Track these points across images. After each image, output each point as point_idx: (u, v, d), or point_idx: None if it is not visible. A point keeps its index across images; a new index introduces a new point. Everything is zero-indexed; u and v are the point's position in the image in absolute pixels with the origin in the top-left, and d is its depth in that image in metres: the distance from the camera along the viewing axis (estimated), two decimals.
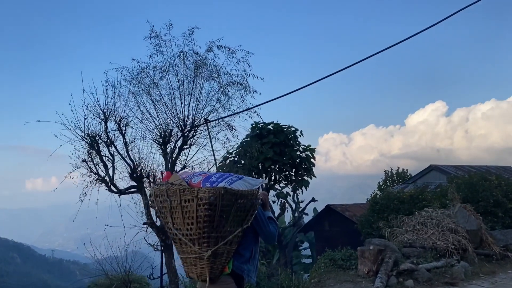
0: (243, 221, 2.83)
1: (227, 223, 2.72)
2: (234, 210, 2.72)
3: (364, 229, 12.25)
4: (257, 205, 2.92)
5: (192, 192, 2.65)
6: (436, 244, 9.19)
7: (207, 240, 2.68)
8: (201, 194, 2.60)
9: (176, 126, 8.49)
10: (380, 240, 8.70)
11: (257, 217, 2.95)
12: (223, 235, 2.73)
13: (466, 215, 10.23)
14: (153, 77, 8.29)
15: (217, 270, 2.78)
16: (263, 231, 3.01)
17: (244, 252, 2.95)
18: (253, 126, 18.20)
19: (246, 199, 2.77)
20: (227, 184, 2.74)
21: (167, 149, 8.53)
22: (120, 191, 7.71)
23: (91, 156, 7.61)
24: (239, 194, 2.72)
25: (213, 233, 2.68)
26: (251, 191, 2.83)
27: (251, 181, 2.96)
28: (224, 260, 2.80)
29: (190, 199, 2.64)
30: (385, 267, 7.53)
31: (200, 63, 8.37)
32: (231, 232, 2.77)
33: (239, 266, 2.90)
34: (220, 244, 2.72)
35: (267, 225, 3.01)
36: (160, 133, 8.48)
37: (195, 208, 2.62)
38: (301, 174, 18.50)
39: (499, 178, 13.74)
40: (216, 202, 2.60)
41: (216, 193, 2.59)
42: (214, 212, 2.62)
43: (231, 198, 2.67)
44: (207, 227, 2.64)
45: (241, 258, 2.92)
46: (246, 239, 2.95)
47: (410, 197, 12.09)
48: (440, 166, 20.11)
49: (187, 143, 8.61)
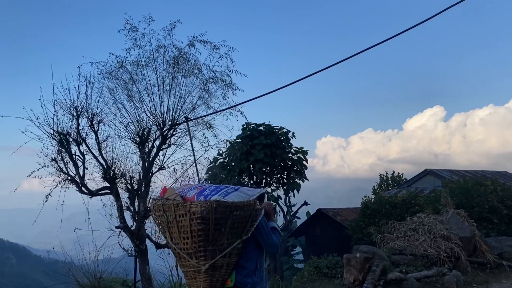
0: (242, 232, 2.80)
1: (224, 236, 2.70)
2: (230, 222, 2.69)
3: (355, 235, 11.83)
4: (258, 216, 2.86)
5: (185, 206, 2.66)
6: (428, 251, 8.76)
7: (203, 253, 2.68)
8: (193, 208, 2.61)
9: (155, 124, 8.05)
10: (368, 247, 8.26)
11: (259, 227, 2.90)
12: (221, 247, 2.71)
13: (460, 222, 9.80)
14: (131, 72, 7.86)
15: (218, 283, 2.76)
16: (265, 242, 2.95)
17: (247, 264, 2.89)
18: (244, 127, 17.77)
19: (242, 210, 2.74)
20: (221, 197, 2.72)
21: (145, 148, 8.08)
22: (92, 192, 7.25)
23: (61, 154, 7.15)
24: (233, 206, 2.69)
25: (210, 246, 2.67)
26: (247, 202, 2.79)
27: (248, 192, 2.94)
28: (224, 272, 2.77)
29: (184, 214, 2.66)
30: (372, 276, 7.08)
31: (180, 58, 7.94)
32: (230, 244, 2.75)
33: (242, 280, 2.84)
34: (218, 257, 2.70)
35: (269, 235, 2.96)
36: (137, 132, 8.03)
37: (188, 222, 2.64)
38: (293, 176, 18.05)
39: (494, 183, 13.33)
40: (209, 215, 2.58)
41: (208, 207, 2.58)
42: (208, 225, 2.61)
43: (225, 210, 2.65)
44: (202, 241, 2.65)
45: (244, 270, 2.87)
46: (249, 250, 2.90)
47: (402, 202, 11.68)
48: (435, 171, 19.73)
49: (166, 142, 8.17)
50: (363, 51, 6.06)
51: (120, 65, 7.92)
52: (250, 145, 16.93)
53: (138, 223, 7.41)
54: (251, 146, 16.92)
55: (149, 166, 7.99)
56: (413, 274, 7.53)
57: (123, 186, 7.98)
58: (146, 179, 7.75)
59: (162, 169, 7.88)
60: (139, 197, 7.61)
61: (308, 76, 5.21)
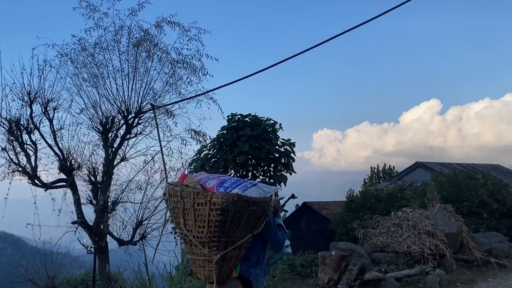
0: (253, 227, 2.86)
1: (237, 229, 2.76)
2: (246, 217, 2.75)
3: (338, 229, 11.33)
4: (269, 212, 2.91)
5: (206, 196, 2.68)
6: (411, 248, 8.27)
7: (217, 244, 2.72)
8: (215, 199, 2.63)
9: (118, 112, 7.46)
10: (347, 243, 7.76)
11: (268, 223, 2.95)
12: (233, 240, 2.77)
13: (446, 217, 9.33)
14: (93, 55, 7.25)
15: (225, 273, 2.82)
16: (271, 238, 3.02)
17: (251, 256, 2.95)
18: (230, 118, 17.19)
19: (258, 206, 2.79)
20: (240, 191, 2.75)
21: (108, 138, 7.50)
22: (45, 185, 6.68)
23: (12, 144, 6.57)
24: (252, 201, 2.74)
25: (223, 238, 2.72)
26: (264, 199, 2.84)
27: (264, 188, 2.96)
28: (232, 264, 2.84)
29: (203, 203, 2.68)
30: (348, 276, 6.58)
31: (146, 40, 7.33)
32: (241, 237, 2.81)
33: (246, 269, 2.91)
34: (230, 248, 2.76)
35: (276, 232, 3.03)
36: (100, 120, 7.44)
37: (207, 212, 2.66)
38: (280, 169, 17.50)
39: (485, 176, 12.87)
40: (229, 208, 2.62)
41: (229, 200, 2.62)
42: (226, 217, 2.65)
43: (244, 205, 2.69)
44: (217, 232, 2.69)
45: (248, 262, 2.93)
46: (255, 244, 2.96)
47: (388, 196, 11.19)
48: (426, 163, 19.28)
49: (131, 131, 7.59)
50: (350, 30, 5.41)
51: (81, 47, 7.31)
52: (235, 137, 16.36)
53: (97, 218, 6.86)
54: (236, 138, 16.36)
55: (113, 157, 7.42)
56: (393, 274, 7.05)
57: (86, 178, 7.42)
58: (108, 171, 7.18)
59: (125, 160, 7.32)
60: (100, 190, 7.05)
61: (296, 55, 4.62)
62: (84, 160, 7.12)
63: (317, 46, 4.60)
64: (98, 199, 7.27)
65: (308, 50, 4.41)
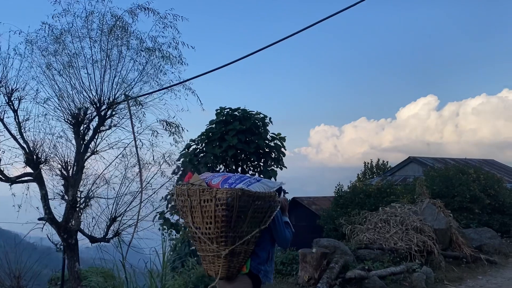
0: (260, 222, 2.89)
1: (244, 224, 2.80)
2: (251, 211, 2.79)
3: (326, 225, 11.02)
4: (275, 207, 2.95)
5: (210, 192, 2.75)
6: (398, 245, 7.97)
7: (224, 239, 2.76)
8: (219, 194, 2.70)
9: (90, 103, 7.09)
10: (330, 240, 7.44)
11: (275, 220, 2.98)
12: (241, 235, 2.81)
13: (435, 212, 9.03)
14: (61, 42, 6.86)
15: (235, 269, 2.86)
16: (278, 235, 3.04)
17: (261, 253, 2.98)
18: (218, 112, 16.85)
19: (263, 200, 2.83)
20: (244, 186, 2.83)
21: (80, 130, 7.13)
22: (10, 179, 6.32)
23: None
24: (256, 195, 2.78)
25: (231, 233, 2.76)
26: (268, 193, 2.88)
27: (269, 184, 3.05)
28: (241, 259, 2.87)
29: (209, 199, 2.74)
30: (329, 274, 6.27)
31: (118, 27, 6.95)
32: (249, 232, 2.85)
33: (256, 266, 2.93)
34: (238, 243, 2.80)
35: (283, 229, 3.05)
36: (71, 112, 7.06)
37: (213, 208, 2.72)
38: (270, 164, 17.17)
39: (478, 171, 12.58)
40: (234, 203, 2.68)
41: (233, 194, 2.67)
42: (232, 212, 2.70)
43: (248, 199, 2.74)
44: (224, 227, 2.73)
45: (258, 259, 2.96)
46: (263, 240, 2.99)
47: (377, 191, 10.86)
48: (419, 158, 19.00)
49: (104, 123, 7.22)
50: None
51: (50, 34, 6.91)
52: (224, 131, 16.03)
53: (66, 214, 6.50)
54: (225, 132, 16.02)
55: (84, 149, 7.05)
56: (377, 272, 6.73)
57: (57, 172, 7.06)
58: (78, 165, 6.82)
59: (95, 153, 6.95)
60: (69, 185, 6.69)
61: (283, 39, 4.28)
62: (52, 153, 6.73)
63: (311, 27, 4.26)
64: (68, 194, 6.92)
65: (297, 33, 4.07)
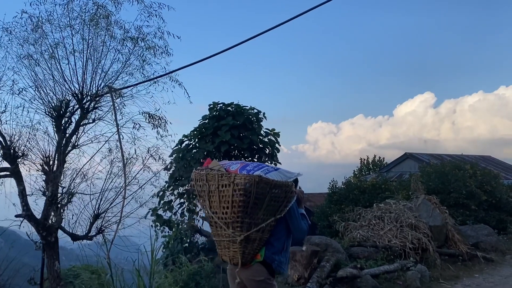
0: (276, 211, 2.90)
1: (260, 211, 2.81)
2: (268, 199, 2.80)
3: (320, 222, 10.77)
4: (292, 198, 2.96)
5: (229, 177, 2.79)
6: (392, 242, 7.73)
7: (240, 224, 2.80)
8: (237, 180, 2.74)
9: (72, 95, 6.79)
10: (321, 237, 7.18)
11: (291, 211, 2.99)
12: (256, 222, 2.82)
13: (430, 209, 8.79)
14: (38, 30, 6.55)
15: (249, 255, 2.87)
16: (294, 226, 3.05)
17: (276, 243, 2.98)
18: (211, 107, 16.54)
19: (280, 189, 2.84)
20: (262, 173, 2.83)
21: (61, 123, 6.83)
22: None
23: None
24: (273, 184, 2.79)
25: (247, 219, 2.80)
26: (286, 183, 2.89)
27: (286, 173, 3.05)
28: (256, 246, 2.87)
29: (227, 184, 2.78)
30: (319, 273, 6.01)
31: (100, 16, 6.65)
32: (264, 220, 2.86)
33: (270, 256, 2.93)
34: (253, 230, 2.81)
35: (299, 220, 3.06)
36: (52, 104, 6.77)
37: (231, 193, 2.76)
38: (264, 160, 16.89)
39: (474, 167, 12.36)
40: (251, 189, 2.71)
41: (251, 180, 2.71)
42: (249, 198, 2.73)
43: (265, 186, 2.76)
44: (241, 212, 2.77)
45: (273, 248, 2.96)
46: (279, 230, 2.99)
47: (372, 187, 10.62)
48: (415, 154, 18.79)
49: (87, 116, 6.93)
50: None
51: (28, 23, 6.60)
52: (217, 126, 15.74)
53: (44, 211, 6.21)
54: (217, 127, 15.74)
55: (66, 143, 6.76)
56: (370, 270, 6.49)
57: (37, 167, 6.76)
58: (59, 159, 6.53)
59: (76, 147, 6.66)
60: (49, 180, 6.40)
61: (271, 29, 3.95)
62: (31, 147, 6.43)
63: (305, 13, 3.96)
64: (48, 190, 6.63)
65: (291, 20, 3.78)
